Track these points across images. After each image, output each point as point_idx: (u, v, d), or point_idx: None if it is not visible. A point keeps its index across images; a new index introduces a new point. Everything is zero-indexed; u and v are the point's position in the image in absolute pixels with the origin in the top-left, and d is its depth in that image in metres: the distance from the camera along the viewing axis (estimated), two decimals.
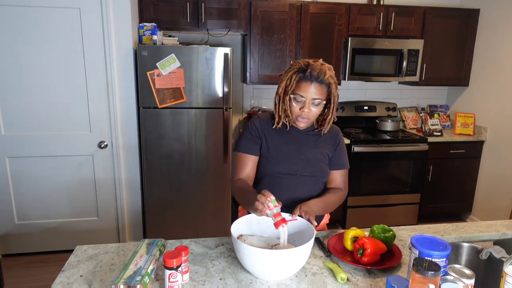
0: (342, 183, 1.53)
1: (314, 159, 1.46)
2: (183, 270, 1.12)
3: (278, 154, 1.44)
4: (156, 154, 2.88)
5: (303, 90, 1.33)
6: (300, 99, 1.34)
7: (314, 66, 1.32)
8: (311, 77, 1.31)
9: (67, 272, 1.18)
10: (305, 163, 1.45)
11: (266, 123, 1.48)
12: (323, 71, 1.32)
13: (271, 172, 1.45)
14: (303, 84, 1.32)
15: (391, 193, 3.46)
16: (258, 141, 1.46)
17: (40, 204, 2.88)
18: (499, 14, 3.32)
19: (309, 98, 1.33)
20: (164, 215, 3.00)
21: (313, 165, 1.45)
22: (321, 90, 1.33)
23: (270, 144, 1.45)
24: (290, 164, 1.44)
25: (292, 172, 1.44)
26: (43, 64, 2.66)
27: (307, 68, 1.32)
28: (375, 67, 3.40)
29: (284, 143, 1.45)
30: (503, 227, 1.57)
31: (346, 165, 1.54)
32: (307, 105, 1.34)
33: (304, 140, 1.47)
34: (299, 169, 1.44)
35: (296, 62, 1.38)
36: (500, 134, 3.35)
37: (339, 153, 1.52)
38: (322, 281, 1.15)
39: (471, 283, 1.01)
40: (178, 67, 2.74)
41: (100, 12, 2.64)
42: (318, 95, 1.33)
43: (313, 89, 1.32)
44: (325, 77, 1.32)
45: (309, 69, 1.31)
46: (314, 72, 1.31)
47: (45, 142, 2.78)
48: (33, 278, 2.66)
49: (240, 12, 3.11)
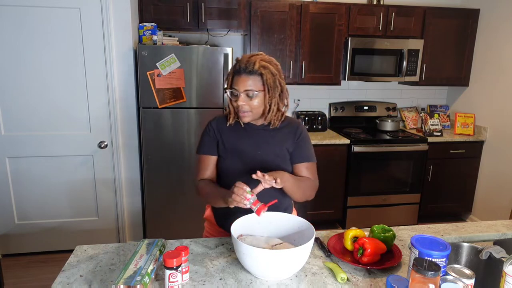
0: (309, 175, 1.48)
1: (272, 154, 1.44)
2: (183, 270, 1.12)
3: (233, 152, 1.44)
4: (156, 154, 2.88)
5: (235, 83, 1.35)
6: (235, 93, 1.35)
7: (242, 59, 1.35)
8: (240, 69, 1.33)
9: (67, 272, 1.18)
10: (262, 159, 1.43)
11: (222, 122, 1.49)
12: (252, 62, 1.32)
13: (228, 171, 1.45)
14: (235, 78, 1.35)
15: (391, 193, 3.46)
16: (215, 141, 1.48)
17: (40, 204, 2.88)
18: (499, 14, 3.32)
19: (241, 90, 1.33)
20: (164, 215, 3.00)
21: (270, 161, 1.43)
22: (253, 81, 1.33)
23: (226, 142, 1.46)
24: (246, 161, 1.43)
25: (248, 169, 1.41)
26: (43, 64, 2.66)
27: (238, 62, 1.35)
28: (375, 67, 3.40)
29: (239, 141, 1.45)
30: (503, 227, 1.57)
31: (310, 158, 1.49)
32: (241, 98, 1.34)
33: (260, 136, 1.46)
34: (256, 166, 1.42)
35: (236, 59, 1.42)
36: (500, 134, 3.35)
37: (301, 146, 1.47)
38: (322, 281, 1.15)
39: (471, 283, 1.01)
40: (178, 67, 2.74)
41: (100, 12, 2.64)
42: (250, 86, 1.33)
43: (244, 81, 1.33)
44: (254, 67, 1.32)
45: (239, 63, 1.35)
46: (242, 64, 1.33)
47: (45, 142, 2.78)
48: (33, 278, 2.66)
49: (240, 12, 3.10)
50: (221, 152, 1.47)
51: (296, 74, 3.33)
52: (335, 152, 3.28)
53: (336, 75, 3.40)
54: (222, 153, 1.47)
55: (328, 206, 3.40)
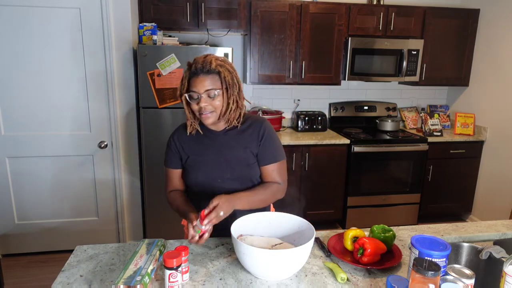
0: (277, 176, 1.42)
1: (235, 160, 1.40)
2: (183, 270, 1.12)
3: (196, 163, 1.41)
4: (156, 154, 2.88)
5: (193, 85, 1.30)
6: (195, 96, 1.31)
7: (197, 59, 1.32)
8: (197, 70, 1.29)
9: (67, 272, 1.18)
10: (225, 166, 1.39)
11: (182, 133, 1.46)
12: (208, 61, 1.30)
13: (192, 182, 1.44)
14: (193, 80, 1.31)
15: (391, 193, 3.46)
16: (177, 154, 1.45)
17: (40, 204, 2.88)
18: (499, 14, 3.32)
19: (201, 91, 1.29)
20: (164, 215, 3.00)
21: (234, 167, 1.39)
22: (212, 80, 1.30)
23: (188, 153, 1.43)
24: (210, 170, 1.40)
25: (212, 178, 1.40)
26: (43, 64, 2.66)
27: (193, 63, 1.32)
28: (375, 67, 3.40)
29: (201, 150, 1.42)
30: (503, 227, 1.57)
31: (278, 157, 1.43)
32: (203, 99, 1.30)
33: (222, 141, 1.41)
34: (220, 174, 1.40)
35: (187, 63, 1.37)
36: (500, 134, 3.35)
37: (266, 146, 1.41)
38: (322, 281, 1.15)
39: (471, 283, 1.01)
40: (178, 67, 2.74)
41: (100, 12, 2.64)
42: (210, 85, 1.29)
43: (203, 82, 1.29)
44: (211, 66, 1.29)
45: (194, 63, 1.31)
46: (198, 65, 1.30)
47: (45, 142, 2.78)
48: (33, 278, 2.66)
49: (240, 12, 3.10)
50: (185, 165, 1.44)
51: (296, 74, 3.33)
52: (335, 152, 3.28)
53: (336, 75, 3.40)
54: (186, 165, 1.44)
55: (328, 206, 3.40)
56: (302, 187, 3.29)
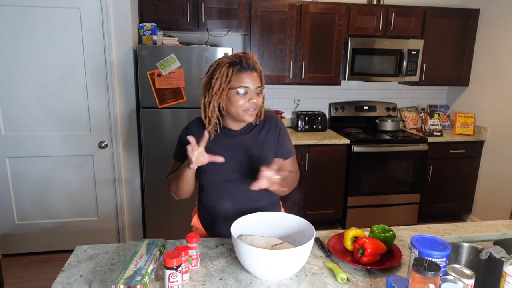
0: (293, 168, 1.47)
1: (255, 159, 1.39)
2: (183, 270, 1.12)
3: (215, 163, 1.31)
4: (156, 154, 2.88)
5: (245, 81, 1.28)
6: (245, 91, 1.29)
7: (247, 56, 1.31)
8: (249, 66, 1.29)
9: (67, 272, 1.18)
10: (244, 165, 1.38)
11: (198, 131, 1.39)
12: (256, 60, 1.33)
13: (211, 182, 1.41)
14: (243, 75, 1.28)
15: (391, 193, 3.46)
16: None
17: (40, 204, 2.88)
18: (499, 14, 3.32)
19: (253, 87, 1.30)
20: (164, 215, 3.00)
21: (254, 166, 1.37)
22: (258, 78, 1.32)
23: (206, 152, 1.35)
24: (229, 170, 1.38)
25: (232, 178, 1.38)
26: (43, 64, 2.66)
27: (241, 59, 1.30)
28: (375, 67, 3.40)
29: (220, 149, 1.36)
30: (503, 227, 1.57)
31: (292, 152, 1.49)
32: (254, 95, 1.30)
33: (242, 140, 1.40)
34: (240, 174, 1.38)
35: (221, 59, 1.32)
36: (500, 134, 3.35)
37: (283, 141, 1.45)
38: (322, 281, 1.15)
39: (471, 283, 1.01)
40: (178, 67, 2.74)
41: (100, 12, 2.64)
42: (258, 82, 1.32)
43: (253, 78, 1.30)
44: (257, 65, 1.32)
45: (244, 59, 1.30)
46: (250, 61, 1.30)
47: (45, 142, 2.78)
48: (33, 278, 2.66)
49: (240, 12, 3.10)
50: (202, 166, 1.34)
51: (296, 74, 3.33)
52: (335, 152, 3.28)
53: (336, 75, 3.40)
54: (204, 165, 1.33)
55: (328, 206, 3.40)
56: (302, 187, 3.29)
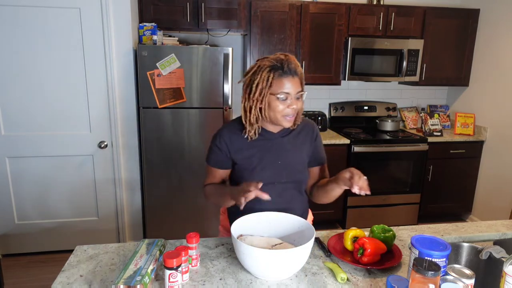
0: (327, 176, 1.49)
1: (292, 163, 1.39)
2: (183, 270, 1.12)
3: (252, 165, 1.36)
4: (156, 154, 2.88)
5: (286, 86, 1.25)
6: (285, 97, 1.26)
7: (289, 60, 1.26)
8: (290, 71, 1.25)
9: (67, 272, 1.18)
10: (282, 169, 1.37)
11: (234, 133, 1.37)
12: (297, 63, 1.28)
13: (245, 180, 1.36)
14: (284, 80, 1.25)
15: (391, 193, 3.46)
16: (226, 155, 1.38)
17: (40, 204, 2.88)
18: (499, 14, 3.32)
19: (294, 92, 1.26)
20: (164, 215, 3.00)
21: (291, 171, 1.38)
22: (299, 82, 1.29)
23: (242, 155, 1.37)
24: (266, 173, 1.36)
25: (270, 181, 1.36)
26: (43, 64, 2.66)
27: (283, 63, 1.25)
28: (375, 67, 3.40)
29: (258, 152, 1.36)
30: (503, 227, 1.57)
31: (325, 158, 1.52)
32: (294, 100, 1.28)
33: (279, 144, 1.39)
34: (276, 178, 1.37)
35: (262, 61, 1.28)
36: (500, 134, 3.35)
37: (319, 147, 1.46)
38: (322, 281, 1.15)
39: (471, 283, 1.01)
40: (178, 67, 2.74)
41: (100, 12, 2.64)
42: (299, 87, 1.29)
43: (294, 83, 1.27)
44: (298, 69, 1.28)
45: (285, 63, 1.25)
46: (291, 65, 1.25)
47: (45, 142, 2.77)
48: (33, 278, 2.66)
49: (240, 12, 3.10)
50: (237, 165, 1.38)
51: None
52: (335, 152, 3.28)
53: (336, 75, 3.40)
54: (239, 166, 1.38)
55: (328, 206, 3.36)
56: None
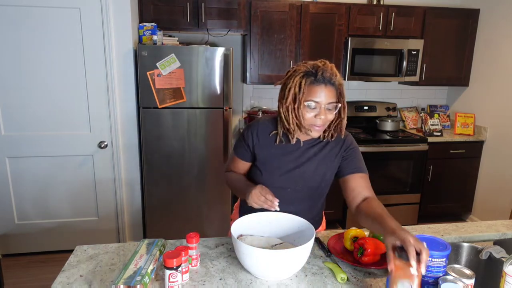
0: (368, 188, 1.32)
1: (311, 172, 1.36)
2: (183, 270, 1.12)
3: (272, 167, 1.36)
4: (156, 154, 2.88)
5: (317, 95, 1.20)
6: (314, 106, 1.21)
7: (325, 68, 1.21)
8: (324, 79, 1.20)
9: (67, 272, 1.18)
10: (299, 177, 1.37)
11: (265, 133, 1.37)
12: (334, 72, 1.22)
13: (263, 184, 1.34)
14: (316, 88, 1.20)
15: (391, 193, 3.46)
16: (251, 150, 1.40)
17: (40, 204, 2.88)
18: (499, 14, 3.32)
19: (324, 102, 1.20)
20: (164, 215, 3.00)
21: (308, 180, 1.37)
22: (333, 92, 1.22)
23: (265, 155, 1.37)
24: (283, 178, 1.37)
25: (283, 186, 1.37)
26: (43, 64, 2.66)
27: (317, 70, 1.21)
28: (375, 67, 3.40)
29: (280, 156, 1.35)
30: (503, 227, 1.57)
31: (364, 169, 1.36)
32: (323, 111, 1.21)
33: (303, 152, 1.37)
34: (292, 184, 1.37)
35: (298, 66, 1.26)
36: (500, 134, 3.35)
37: (350, 158, 1.36)
38: (322, 281, 1.15)
39: (471, 283, 1.01)
40: (178, 67, 2.74)
41: (100, 12, 2.64)
42: (332, 98, 1.21)
43: (327, 93, 1.20)
44: (336, 78, 1.22)
45: (320, 71, 1.20)
46: (326, 74, 1.20)
47: (45, 142, 2.77)
48: (33, 278, 2.66)
49: (240, 12, 3.10)
50: (258, 164, 1.39)
51: None
52: None
53: None
54: (259, 165, 1.39)
55: (328, 206, 3.37)
56: None
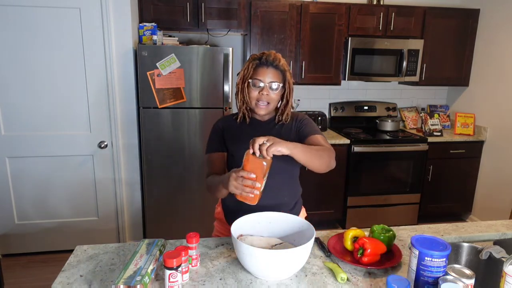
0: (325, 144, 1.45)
1: None
2: (183, 270, 1.12)
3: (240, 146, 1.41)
4: (156, 154, 2.88)
5: (260, 74, 1.41)
6: (258, 84, 1.41)
7: (268, 54, 1.43)
8: (267, 62, 1.41)
9: (67, 272, 1.18)
10: None
11: (227, 120, 1.55)
12: (277, 57, 1.43)
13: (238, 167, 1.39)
14: (260, 69, 1.41)
15: (391, 193, 3.46)
16: (221, 138, 1.52)
17: (40, 204, 2.88)
18: (499, 14, 3.32)
19: (266, 81, 1.40)
20: (164, 215, 3.00)
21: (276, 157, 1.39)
22: (277, 75, 1.42)
23: (231, 138, 1.50)
24: None
25: None
26: (43, 64, 2.66)
27: (262, 55, 1.43)
28: (375, 67, 3.40)
29: (245, 135, 1.46)
30: (503, 227, 1.57)
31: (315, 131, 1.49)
32: (265, 88, 1.41)
33: (264, 129, 1.50)
34: None
35: (252, 55, 1.48)
36: (500, 134, 3.35)
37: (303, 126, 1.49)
38: (322, 281, 1.15)
39: (471, 283, 1.01)
40: (178, 67, 2.74)
41: (100, 12, 2.64)
42: (275, 79, 1.41)
43: (269, 73, 1.41)
44: (279, 63, 1.42)
45: (264, 56, 1.42)
46: (269, 58, 1.41)
47: (45, 142, 2.78)
48: (33, 278, 2.66)
49: (240, 12, 3.11)
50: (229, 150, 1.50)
51: (296, 74, 3.33)
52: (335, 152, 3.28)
53: (336, 75, 3.40)
54: (230, 150, 1.50)
55: (328, 206, 3.40)
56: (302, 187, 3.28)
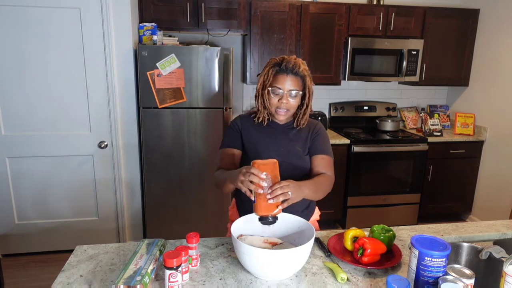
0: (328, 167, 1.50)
1: (293, 150, 1.49)
2: (183, 270, 1.12)
3: (257, 147, 1.49)
4: (156, 154, 2.88)
5: (280, 82, 1.41)
6: (277, 92, 1.41)
7: (288, 60, 1.42)
8: (287, 69, 1.40)
9: (67, 272, 1.18)
10: (285, 154, 1.47)
11: (246, 120, 1.56)
12: (297, 64, 1.42)
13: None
14: (279, 76, 1.41)
15: (391, 193, 3.46)
16: (239, 135, 1.53)
17: (40, 204, 2.88)
18: (499, 14, 3.32)
19: (286, 89, 1.41)
20: (164, 215, 3.00)
21: (291, 156, 1.48)
22: (296, 82, 1.42)
23: (249, 138, 1.51)
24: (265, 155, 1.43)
25: None
26: (43, 64, 2.66)
27: (282, 62, 1.41)
28: (375, 67, 3.40)
29: (263, 137, 1.51)
30: (503, 227, 1.57)
31: (327, 151, 1.53)
32: (285, 96, 1.41)
33: (282, 133, 1.52)
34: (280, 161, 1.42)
35: (271, 58, 1.47)
36: (500, 134, 3.35)
37: (318, 141, 1.53)
38: (322, 281, 1.15)
39: (471, 283, 1.01)
40: (178, 67, 2.74)
41: (100, 12, 2.64)
42: (294, 86, 1.41)
43: (289, 81, 1.40)
44: (299, 70, 1.41)
45: (284, 62, 1.41)
46: (289, 65, 1.40)
47: (45, 142, 2.77)
48: (33, 278, 2.66)
49: (240, 12, 3.10)
50: (245, 148, 1.51)
51: None
52: (335, 152, 3.20)
53: (336, 75, 3.40)
54: (246, 149, 1.51)
55: (328, 206, 3.40)
56: None
